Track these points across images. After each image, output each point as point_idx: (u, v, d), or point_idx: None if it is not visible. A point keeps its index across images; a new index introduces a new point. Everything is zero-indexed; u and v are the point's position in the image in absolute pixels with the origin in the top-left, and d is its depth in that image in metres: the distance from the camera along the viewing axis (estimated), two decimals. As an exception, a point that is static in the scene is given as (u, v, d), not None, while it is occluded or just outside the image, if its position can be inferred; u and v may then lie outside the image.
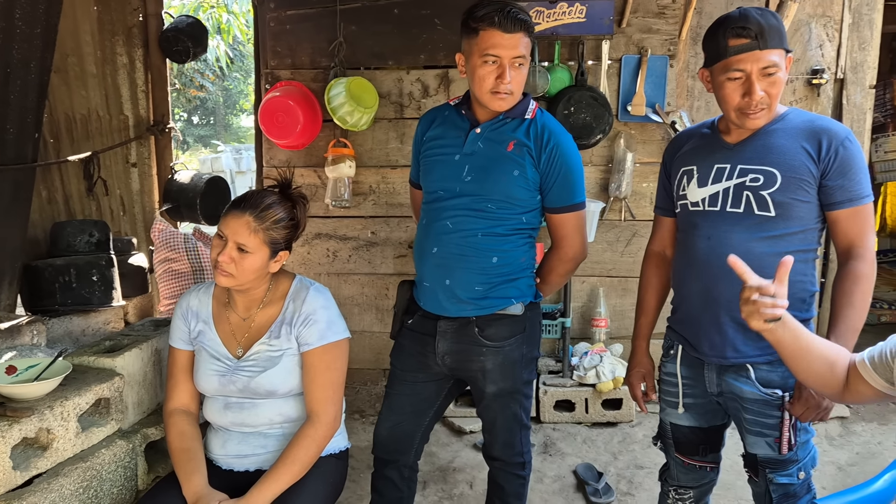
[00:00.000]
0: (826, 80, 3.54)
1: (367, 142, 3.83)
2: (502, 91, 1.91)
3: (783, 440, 1.75)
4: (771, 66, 1.65)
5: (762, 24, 1.63)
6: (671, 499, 2.06)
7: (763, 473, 1.81)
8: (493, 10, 1.86)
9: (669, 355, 1.96)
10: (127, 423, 2.08)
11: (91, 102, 3.30)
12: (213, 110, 17.49)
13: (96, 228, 2.88)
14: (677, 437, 1.98)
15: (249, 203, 1.80)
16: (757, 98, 1.66)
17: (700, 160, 1.83)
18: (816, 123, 1.71)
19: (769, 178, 1.70)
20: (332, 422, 1.85)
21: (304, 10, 3.74)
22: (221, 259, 1.77)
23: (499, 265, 2.00)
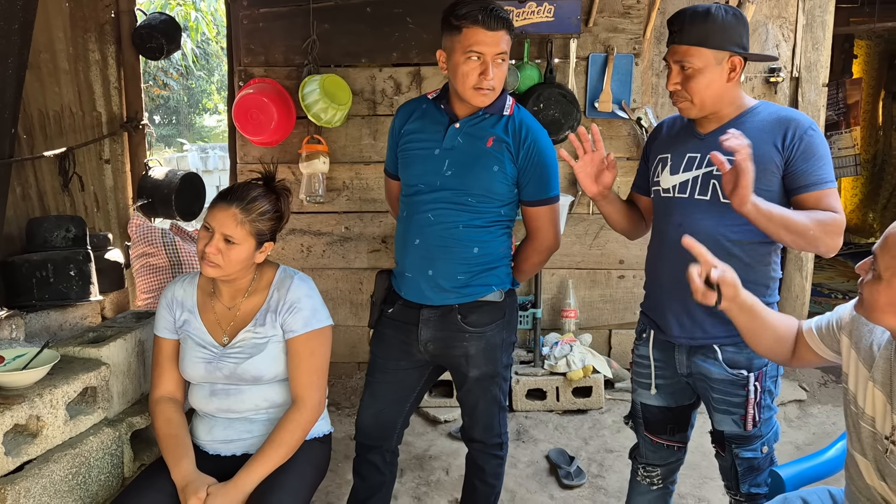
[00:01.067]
0: (782, 79, 3.70)
1: (341, 138, 3.88)
2: (485, 87, 1.98)
3: (748, 417, 1.86)
4: (684, 61, 1.79)
5: (684, 22, 1.78)
6: (640, 476, 2.17)
7: (729, 449, 1.92)
8: (476, 7, 1.93)
9: (642, 339, 2.06)
10: (113, 412, 2.11)
11: (64, 99, 3.29)
12: (175, 109, 17.27)
13: (73, 224, 2.88)
14: (647, 416, 2.08)
15: (236, 195, 1.86)
16: (670, 87, 1.83)
17: (674, 149, 1.94)
18: (782, 114, 1.82)
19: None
20: (316, 406, 1.91)
21: (277, 8, 3.78)
22: (209, 250, 1.82)
23: (479, 255, 2.08)
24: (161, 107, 16.66)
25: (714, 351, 1.87)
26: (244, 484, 1.78)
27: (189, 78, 14.71)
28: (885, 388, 1.42)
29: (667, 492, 2.17)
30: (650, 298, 2.03)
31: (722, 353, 1.86)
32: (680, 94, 1.82)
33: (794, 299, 3.92)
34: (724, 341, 1.85)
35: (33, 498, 1.73)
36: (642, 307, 2.08)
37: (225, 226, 1.83)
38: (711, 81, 1.78)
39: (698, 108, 1.83)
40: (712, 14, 1.77)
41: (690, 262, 1.80)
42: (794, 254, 3.91)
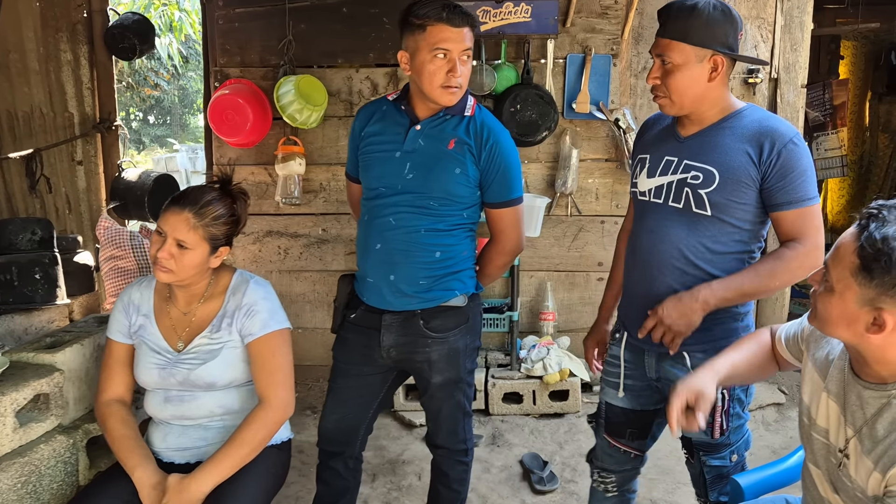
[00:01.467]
0: (761, 80, 3.68)
1: (318, 139, 3.85)
2: (453, 85, 1.95)
3: (715, 425, 1.81)
4: (665, 56, 1.71)
5: (669, 15, 1.71)
6: (595, 481, 2.13)
7: (698, 456, 1.89)
8: (438, 5, 1.90)
9: (615, 339, 2.02)
10: (68, 419, 2.07)
11: (34, 99, 3.27)
12: (169, 109, 17.22)
13: (39, 226, 2.84)
14: (609, 416, 2.04)
15: (189, 199, 1.82)
16: (648, 81, 1.76)
17: (654, 150, 1.88)
18: (764, 124, 1.71)
19: (708, 176, 1.72)
20: (283, 406, 1.87)
21: (253, 8, 3.75)
22: (161, 255, 1.79)
23: (442, 259, 2.05)
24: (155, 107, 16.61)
25: (683, 357, 1.83)
26: (203, 482, 1.74)
27: (180, 78, 14.64)
28: (838, 399, 1.39)
29: (624, 499, 2.13)
30: (625, 301, 2.00)
31: (691, 360, 1.82)
32: (659, 90, 1.75)
33: (773, 301, 3.90)
34: (694, 348, 1.82)
35: (-22, 508, 1.70)
36: (619, 308, 2.05)
37: (177, 230, 1.79)
38: (692, 80, 1.70)
39: (677, 106, 1.75)
40: (698, 9, 1.68)
41: (658, 270, 1.81)
42: (773, 256, 3.88)
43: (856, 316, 1.25)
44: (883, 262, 1.19)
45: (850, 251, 1.24)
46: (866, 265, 1.21)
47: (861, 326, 1.25)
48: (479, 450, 3.25)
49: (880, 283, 1.20)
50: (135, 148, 15.01)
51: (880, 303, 1.21)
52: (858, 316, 1.24)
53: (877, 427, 1.29)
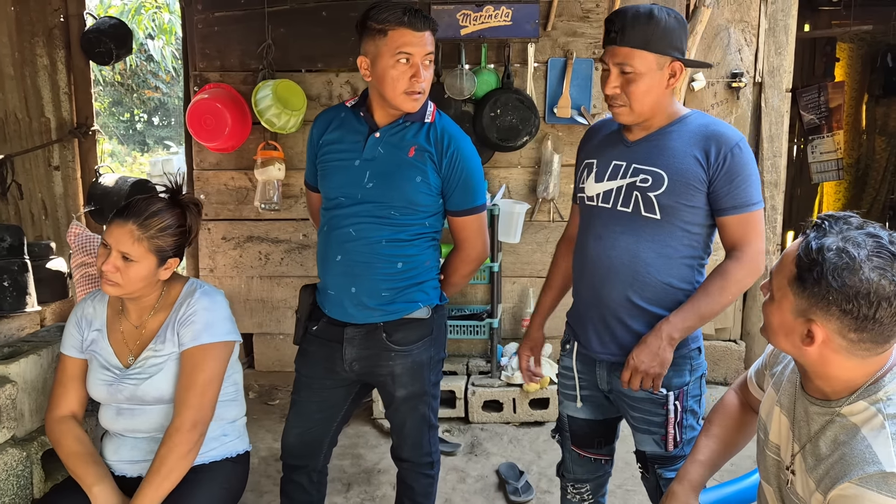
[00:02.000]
0: (745, 84, 3.63)
1: (298, 144, 3.82)
2: (416, 90, 1.91)
3: (669, 438, 1.79)
4: (625, 64, 1.67)
5: (625, 23, 1.66)
6: (570, 494, 2.09)
7: (653, 470, 1.86)
8: (399, 9, 1.86)
9: (566, 349, 1.98)
10: (23, 431, 2.04)
11: (9, 105, 3.24)
12: (172, 111, 17.22)
13: (8, 233, 2.82)
14: (574, 429, 2.00)
15: (133, 211, 1.78)
16: (608, 91, 1.71)
17: (601, 154, 1.85)
18: (710, 129, 1.72)
19: (657, 179, 1.72)
20: (186, 427, 1.76)
21: (232, 12, 3.73)
22: (105, 269, 1.75)
23: (404, 270, 2.01)
24: (158, 108, 16.62)
25: None
26: None
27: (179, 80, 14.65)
28: (789, 413, 1.36)
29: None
30: (574, 310, 1.96)
31: None
32: (619, 99, 1.71)
33: (758, 308, 3.85)
34: None
35: (-80, 524, 1.66)
36: (567, 316, 2.01)
37: (121, 243, 1.75)
38: (651, 87, 1.69)
39: (636, 114, 1.73)
40: (656, 16, 1.66)
41: (606, 277, 1.78)
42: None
43: (792, 326, 1.22)
44: (815, 273, 1.16)
45: (790, 260, 1.22)
46: (801, 275, 1.19)
47: (797, 337, 1.22)
48: (457, 459, 3.22)
49: (811, 294, 1.17)
50: (139, 149, 15.00)
51: (811, 314, 1.19)
52: (794, 327, 1.22)
53: (820, 444, 1.25)
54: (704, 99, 3.67)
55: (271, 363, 4.07)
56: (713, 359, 3.86)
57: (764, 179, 3.74)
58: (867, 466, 1.14)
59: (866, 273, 1.13)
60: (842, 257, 1.14)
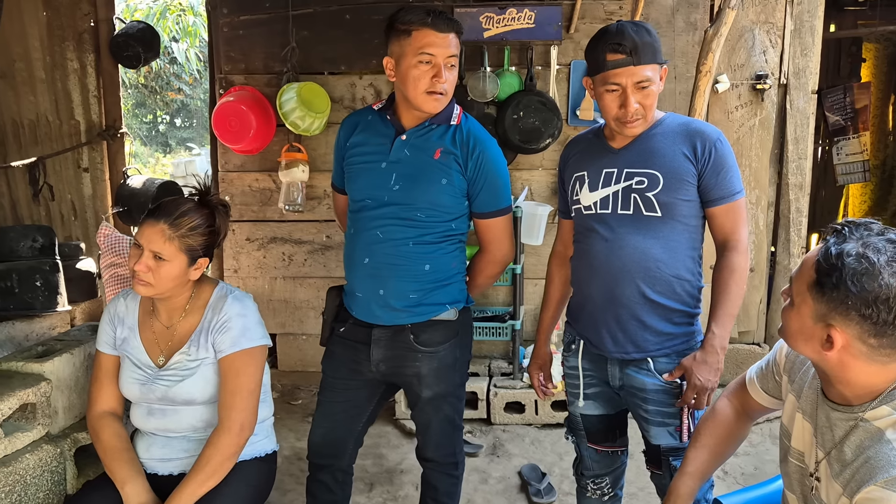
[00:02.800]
0: (770, 86, 3.61)
1: (321, 146, 3.85)
2: (438, 91, 1.93)
3: (683, 428, 1.85)
4: (644, 81, 1.74)
5: (636, 41, 1.72)
6: (590, 491, 2.12)
7: (666, 463, 1.89)
8: (424, 11, 1.89)
9: (571, 350, 2.03)
10: (56, 428, 2.09)
11: (40, 107, 3.31)
12: (194, 112, 17.38)
13: (40, 233, 2.88)
14: (588, 427, 2.04)
15: (163, 211, 1.82)
16: (632, 110, 1.76)
17: (589, 165, 1.91)
18: (691, 126, 1.83)
19: (652, 180, 1.79)
20: (236, 429, 1.82)
21: (256, 16, 3.77)
22: (138, 268, 1.79)
23: (431, 272, 2.02)
24: (181, 110, 16.80)
25: (647, 363, 1.86)
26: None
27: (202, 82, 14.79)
28: (812, 419, 1.36)
29: (617, 498, 2.14)
30: (580, 313, 1.99)
31: (654, 364, 1.86)
32: (637, 114, 1.77)
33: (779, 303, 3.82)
34: (657, 353, 1.85)
35: (-41, 518, 1.71)
36: (568, 318, 2.06)
37: (153, 242, 1.79)
38: (656, 95, 1.79)
39: (648, 122, 1.82)
40: (646, 28, 1.77)
41: (619, 277, 1.83)
42: (782, 265, 3.81)
43: (812, 332, 1.23)
44: (834, 278, 1.17)
45: (809, 265, 1.23)
46: (820, 280, 1.19)
47: (817, 343, 1.23)
48: (479, 460, 3.23)
49: (831, 299, 1.18)
50: (161, 151, 15.15)
51: (831, 319, 1.19)
52: (814, 332, 1.23)
53: (845, 450, 1.25)
54: (728, 101, 3.66)
55: (294, 363, 4.11)
56: (736, 362, 3.84)
57: (789, 182, 3.72)
58: (893, 469, 1.14)
59: (886, 278, 1.13)
60: (861, 263, 1.15)
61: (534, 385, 2.19)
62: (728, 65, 3.63)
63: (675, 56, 3.68)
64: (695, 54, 3.52)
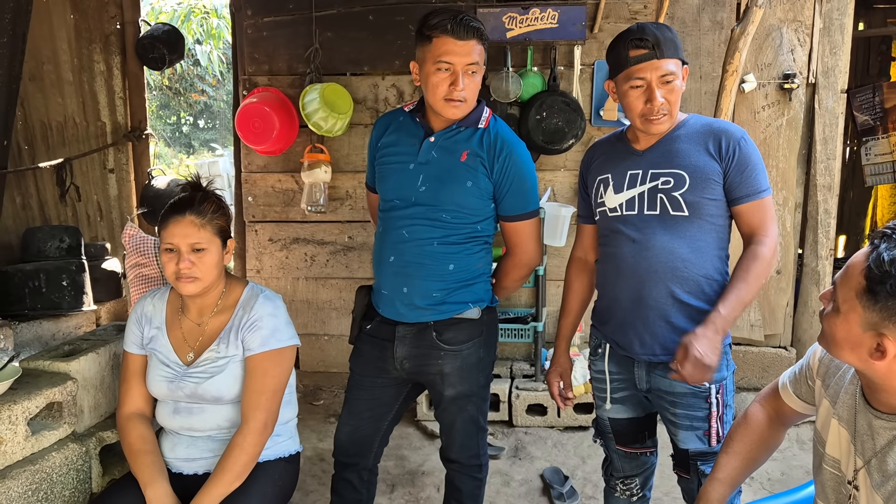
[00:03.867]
0: (798, 85, 3.55)
1: (344, 147, 3.86)
2: (455, 98, 1.92)
3: (712, 432, 1.83)
4: (668, 74, 1.75)
5: (658, 36, 1.73)
6: (619, 492, 2.11)
7: (694, 468, 1.87)
8: (447, 17, 1.88)
9: (598, 354, 2.02)
10: (82, 427, 2.10)
11: (67, 109, 3.34)
12: (217, 114, 17.53)
13: (67, 234, 2.92)
14: (617, 429, 2.03)
15: (184, 205, 1.83)
16: (658, 104, 1.75)
17: (613, 168, 1.90)
18: (714, 126, 1.83)
19: (679, 180, 1.79)
20: (259, 429, 1.83)
21: (280, 17, 3.78)
22: (182, 267, 1.80)
23: (456, 271, 2.02)
24: (204, 111, 16.96)
25: None
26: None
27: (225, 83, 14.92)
28: (849, 425, 1.32)
29: (645, 499, 2.12)
30: (607, 316, 1.97)
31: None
32: (663, 108, 1.77)
33: (811, 314, 3.76)
34: None
35: (-13, 515, 1.73)
36: (594, 322, 2.04)
37: (189, 236, 1.80)
38: (681, 91, 1.79)
39: (672, 119, 1.82)
40: (666, 27, 1.79)
41: (647, 278, 1.82)
42: (810, 267, 3.75)
43: (860, 340, 1.18)
44: (889, 286, 1.12)
45: (857, 271, 1.18)
46: (871, 287, 1.14)
47: (865, 351, 1.18)
48: (501, 462, 3.21)
49: (884, 308, 1.13)
50: (185, 152, 15.30)
51: (883, 328, 1.15)
52: (862, 340, 1.18)
53: (888, 461, 1.21)
54: (755, 101, 3.60)
55: (316, 363, 4.12)
56: (762, 365, 3.79)
57: (817, 183, 3.66)
58: None
59: None
60: None
61: (552, 393, 2.14)
62: (755, 64, 3.58)
63: (700, 55, 3.63)
64: (721, 53, 3.48)
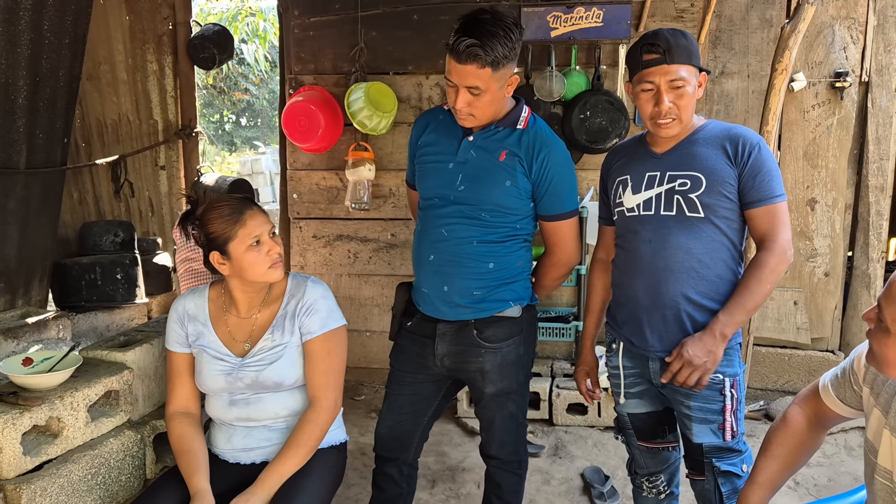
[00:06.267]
0: (850, 84, 3.48)
1: (388, 145, 3.90)
2: (461, 113, 1.94)
3: (726, 426, 1.86)
4: (677, 80, 1.78)
5: (670, 42, 1.78)
6: (646, 490, 2.12)
7: (710, 466, 1.89)
8: (457, 37, 1.85)
9: (612, 350, 2.05)
10: (137, 415, 2.18)
11: (122, 108, 3.45)
12: (259, 112, 17.83)
13: (121, 229, 3.01)
14: (637, 424, 2.05)
15: (251, 200, 1.92)
16: (664, 108, 1.79)
17: (632, 170, 1.94)
18: (732, 131, 1.85)
19: (695, 182, 1.82)
20: (332, 407, 1.92)
21: (326, 17, 3.84)
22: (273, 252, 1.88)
23: (495, 270, 2.04)
24: (246, 110, 17.26)
25: None
26: (267, 485, 1.80)
27: (269, 82, 15.16)
28: None
29: (673, 496, 2.12)
30: (622, 314, 2.00)
31: None
32: (671, 113, 1.80)
33: (860, 318, 3.68)
34: None
35: (50, 497, 1.80)
36: (608, 319, 2.08)
37: (268, 221, 1.90)
38: (694, 97, 1.82)
39: (683, 124, 1.84)
40: (682, 33, 1.82)
41: (664, 277, 1.85)
42: (860, 269, 3.67)
43: None
44: None
45: None
46: None
47: None
48: (541, 460, 3.22)
49: None
50: (227, 149, 15.58)
51: None
52: None
53: None
54: (804, 100, 3.54)
55: (357, 359, 4.17)
56: (809, 369, 3.72)
57: (869, 183, 3.57)
58: None
59: None
60: None
61: (581, 391, 2.20)
62: (805, 62, 3.52)
63: (748, 53, 3.58)
64: (769, 52, 3.43)
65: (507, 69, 1.91)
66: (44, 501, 1.78)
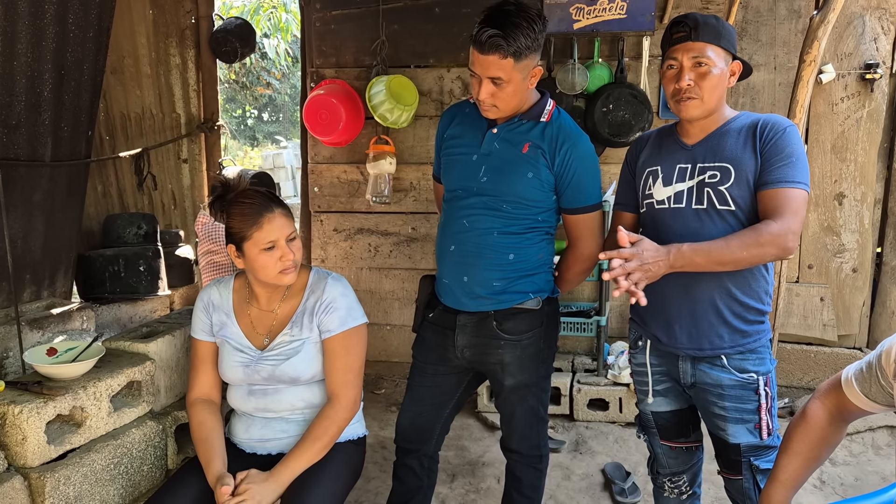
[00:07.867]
0: (880, 75, 3.40)
1: (409, 139, 3.89)
2: (484, 104, 1.94)
3: (763, 425, 1.83)
4: (701, 57, 1.75)
5: (699, 21, 1.76)
6: (667, 490, 2.09)
7: (748, 465, 1.85)
8: (480, 27, 1.85)
9: (638, 347, 2.01)
10: (159, 406, 2.19)
11: (145, 101, 3.48)
12: (281, 107, 17.90)
13: (144, 221, 3.04)
14: (660, 423, 2.02)
15: (278, 200, 1.90)
16: (683, 84, 1.76)
17: (663, 161, 1.90)
18: (763, 118, 1.82)
19: (724, 174, 1.79)
20: (350, 404, 1.93)
21: (348, 11, 3.84)
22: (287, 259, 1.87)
23: (516, 262, 2.03)
24: (268, 104, 17.34)
25: (721, 359, 1.84)
26: (281, 476, 1.81)
27: (290, 77, 15.21)
28: None
29: (695, 496, 2.09)
30: (650, 311, 1.91)
31: (728, 360, 1.84)
32: (691, 91, 1.77)
33: (889, 315, 3.61)
34: (730, 351, 1.83)
35: (73, 485, 1.82)
36: (634, 317, 2.02)
37: (287, 226, 1.89)
38: (720, 81, 1.78)
39: (706, 107, 1.79)
40: (719, 19, 1.80)
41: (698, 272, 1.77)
42: (890, 265, 3.60)
43: None
44: None
45: None
46: None
47: None
48: (561, 456, 3.20)
49: None
50: (249, 144, 15.67)
51: None
52: None
53: None
54: (833, 92, 3.47)
55: (378, 353, 4.17)
56: (835, 367, 3.66)
57: (899, 178, 3.50)
58: None
59: None
60: None
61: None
62: (834, 54, 3.45)
63: (775, 45, 3.52)
64: (797, 43, 3.36)
65: (530, 60, 1.90)
66: (67, 490, 1.80)
